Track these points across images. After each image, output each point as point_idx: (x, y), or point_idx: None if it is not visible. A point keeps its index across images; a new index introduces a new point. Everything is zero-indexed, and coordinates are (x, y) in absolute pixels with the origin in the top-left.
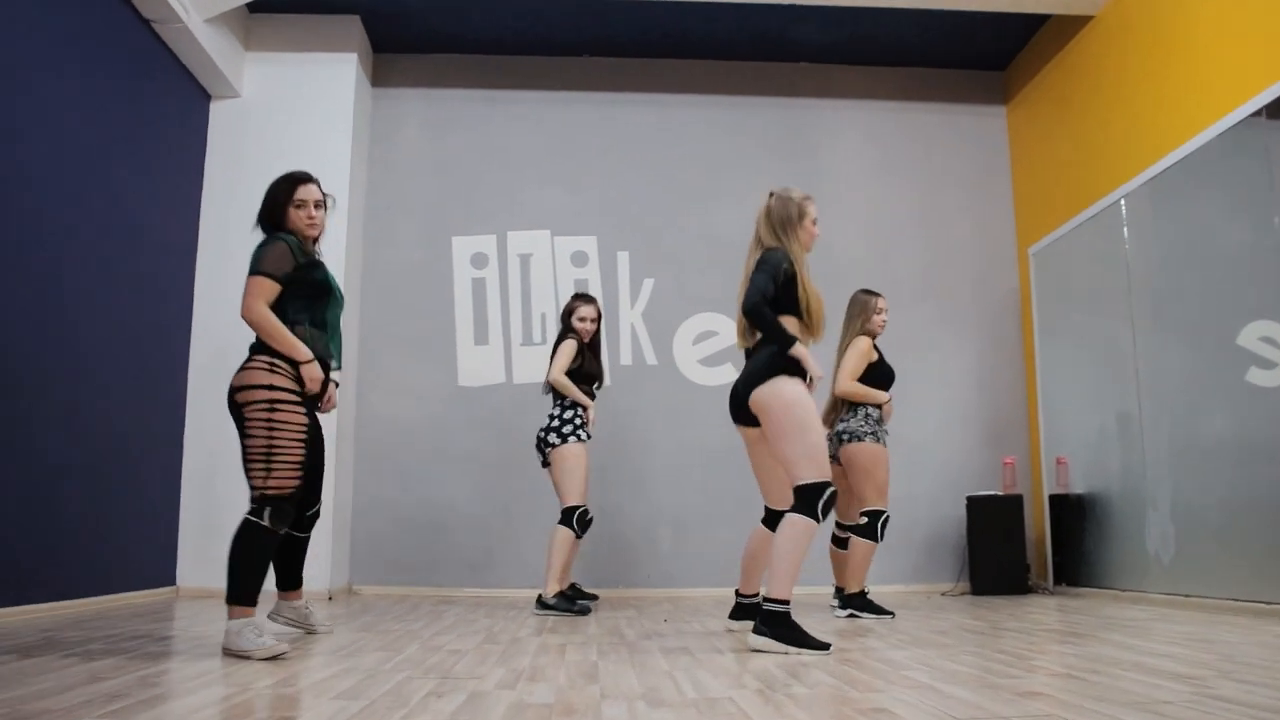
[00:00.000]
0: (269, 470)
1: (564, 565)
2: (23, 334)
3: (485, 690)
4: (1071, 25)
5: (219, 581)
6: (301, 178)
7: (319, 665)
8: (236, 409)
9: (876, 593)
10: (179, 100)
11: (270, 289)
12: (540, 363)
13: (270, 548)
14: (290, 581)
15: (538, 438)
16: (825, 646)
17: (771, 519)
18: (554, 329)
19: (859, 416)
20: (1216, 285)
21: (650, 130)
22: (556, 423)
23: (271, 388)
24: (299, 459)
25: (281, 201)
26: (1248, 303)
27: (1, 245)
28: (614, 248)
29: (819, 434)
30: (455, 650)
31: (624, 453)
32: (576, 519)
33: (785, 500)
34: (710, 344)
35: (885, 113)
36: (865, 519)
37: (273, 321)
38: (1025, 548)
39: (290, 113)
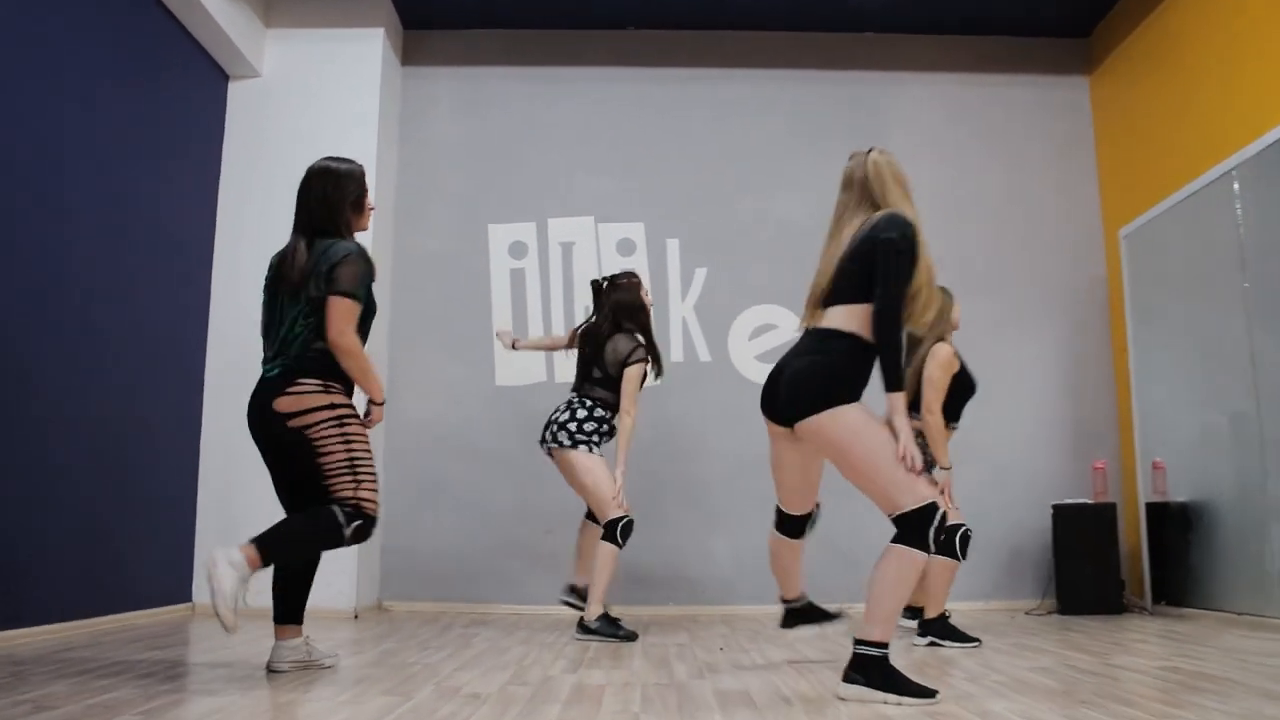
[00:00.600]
0: (358, 481)
1: (608, 584)
2: (28, 334)
3: None
4: None
5: None
6: (363, 172)
7: (312, 715)
8: (291, 434)
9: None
10: (194, 81)
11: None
12: None
13: (322, 551)
14: (295, 614)
15: (554, 423)
16: (932, 694)
17: (786, 524)
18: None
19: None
20: None
21: (701, 108)
22: (574, 425)
23: (333, 406)
24: (376, 473)
25: (352, 201)
26: None
27: (6, 240)
28: (663, 235)
29: (902, 443)
30: (474, 695)
31: (675, 457)
32: (620, 531)
33: (804, 506)
34: (769, 338)
35: (955, 85)
36: (944, 535)
37: (364, 354)
38: (1119, 562)
39: (314, 93)
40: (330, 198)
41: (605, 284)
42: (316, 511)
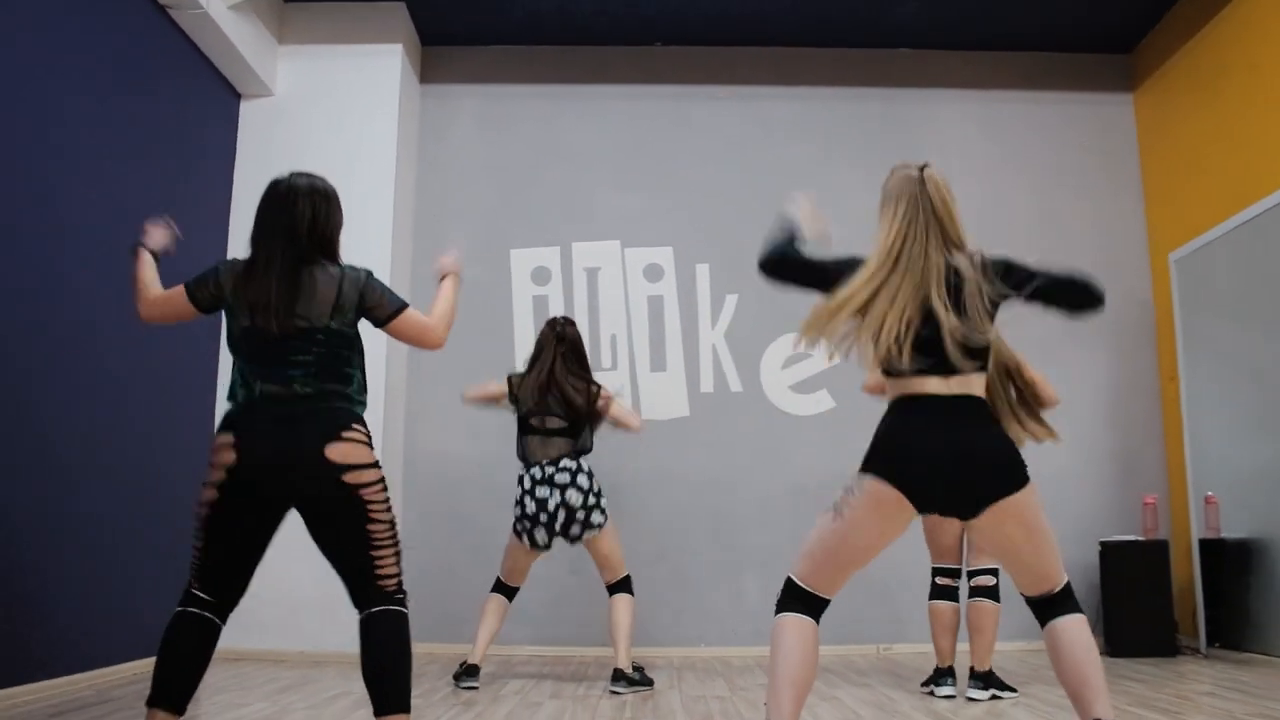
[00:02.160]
0: (399, 558)
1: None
2: (30, 352)
3: None
4: (1211, 1)
5: (251, 643)
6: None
7: None
8: (342, 490)
9: (997, 651)
10: (205, 99)
11: None
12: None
13: None
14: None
15: (584, 508)
16: None
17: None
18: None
19: None
20: None
21: (731, 127)
22: (593, 499)
23: (378, 465)
24: None
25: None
26: None
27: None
28: (692, 260)
29: None
30: None
31: (704, 491)
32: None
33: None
34: (803, 368)
35: (993, 103)
36: (994, 579)
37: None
38: (1171, 602)
39: (329, 112)
40: (332, 221)
41: (548, 331)
42: (389, 626)
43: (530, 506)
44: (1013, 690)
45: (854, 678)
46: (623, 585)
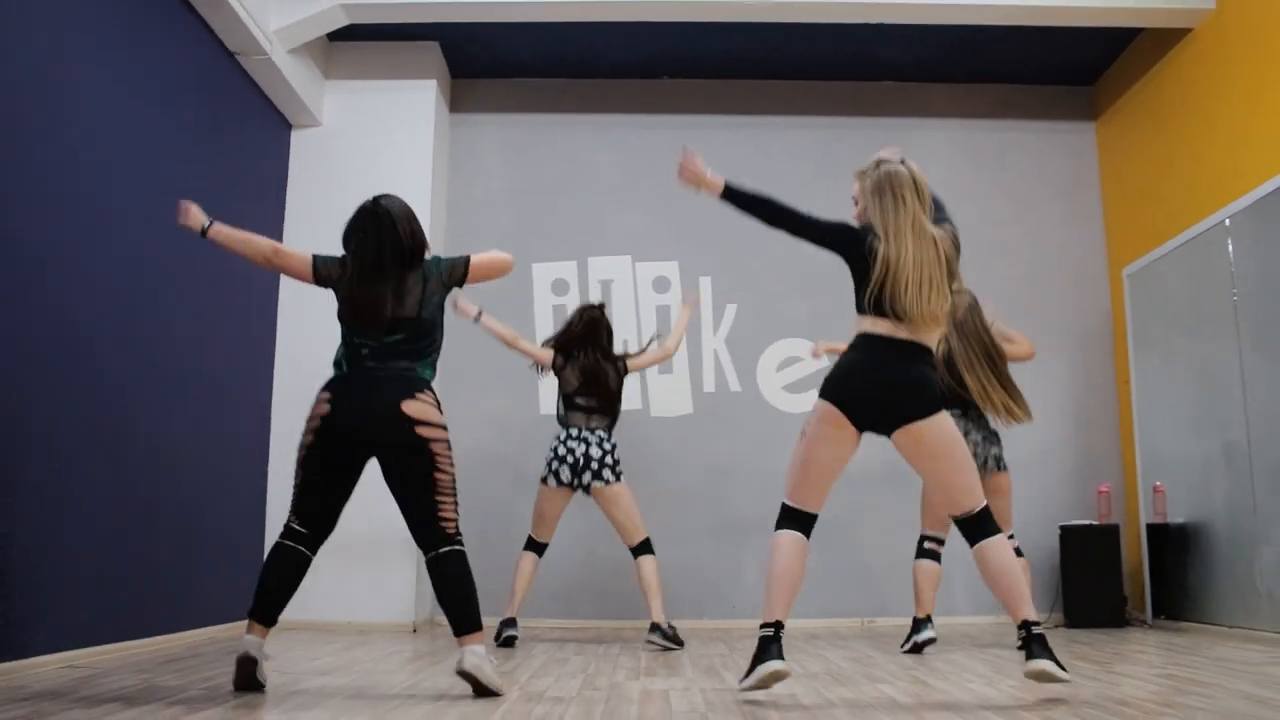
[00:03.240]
0: (457, 507)
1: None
2: (108, 368)
3: None
4: (1165, 39)
5: (298, 613)
6: None
7: (438, 712)
8: (416, 440)
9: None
10: (261, 130)
11: None
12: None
13: None
14: (274, 618)
15: (600, 462)
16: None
17: (809, 525)
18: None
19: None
20: None
21: (732, 152)
22: (611, 460)
23: (445, 427)
24: None
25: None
26: None
27: (90, 278)
28: (696, 273)
29: None
30: (557, 698)
31: (708, 480)
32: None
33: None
34: (795, 370)
35: (970, 130)
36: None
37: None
38: (1121, 579)
39: (370, 140)
40: (421, 235)
41: (594, 318)
42: (455, 564)
43: (560, 451)
44: None
45: (839, 644)
46: (644, 547)
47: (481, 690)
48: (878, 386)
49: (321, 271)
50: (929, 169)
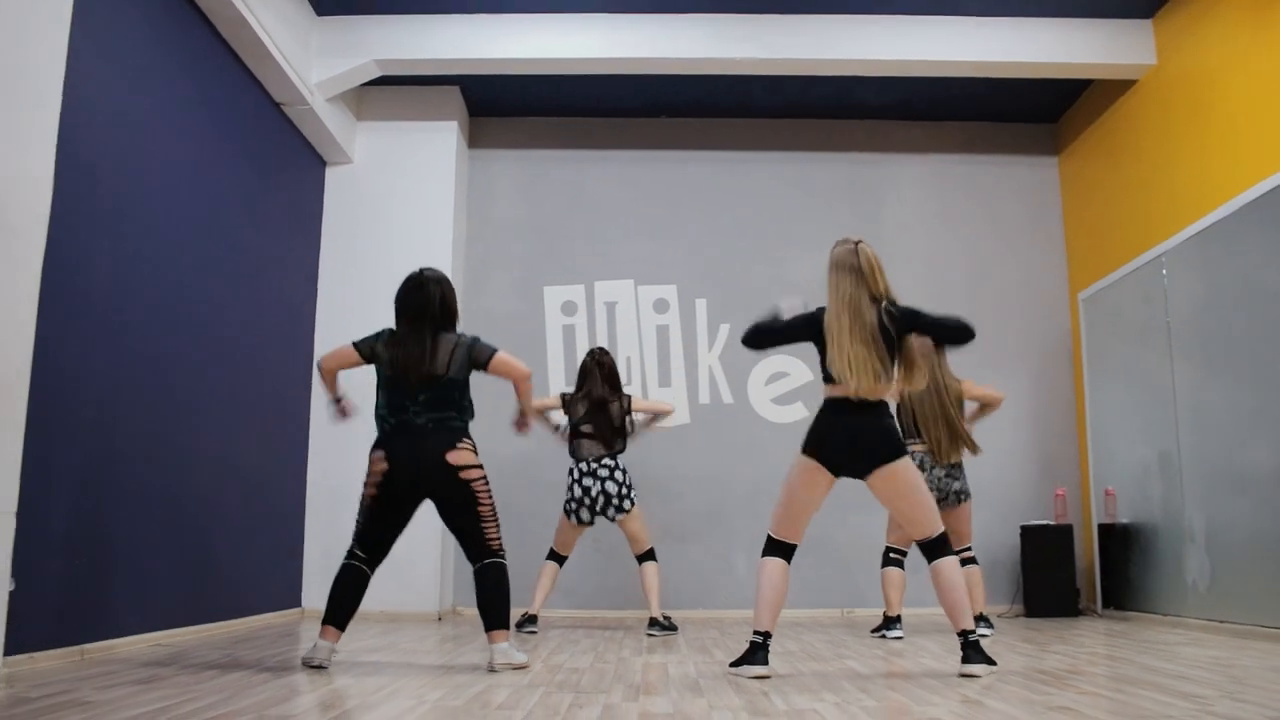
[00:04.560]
0: (499, 528)
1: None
2: (173, 384)
3: (615, 702)
4: (1117, 86)
5: None
6: None
7: (474, 680)
8: (459, 483)
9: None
10: (299, 168)
11: None
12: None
13: None
14: (344, 623)
15: (618, 496)
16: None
17: (790, 554)
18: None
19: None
20: (1260, 327)
21: (725, 185)
22: (625, 489)
23: (482, 466)
24: None
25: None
26: None
27: (155, 301)
28: (693, 295)
29: None
30: (575, 669)
31: (702, 485)
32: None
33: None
34: (782, 384)
35: (944, 165)
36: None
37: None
38: (1075, 574)
39: (397, 175)
40: (449, 302)
41: (593, 361)
42: (495, 573)
43: (578, 492)
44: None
45: (818, 630)
46: (649, 555)
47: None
48: (848, 441)
49: (364, 351)
50: (905, 200)
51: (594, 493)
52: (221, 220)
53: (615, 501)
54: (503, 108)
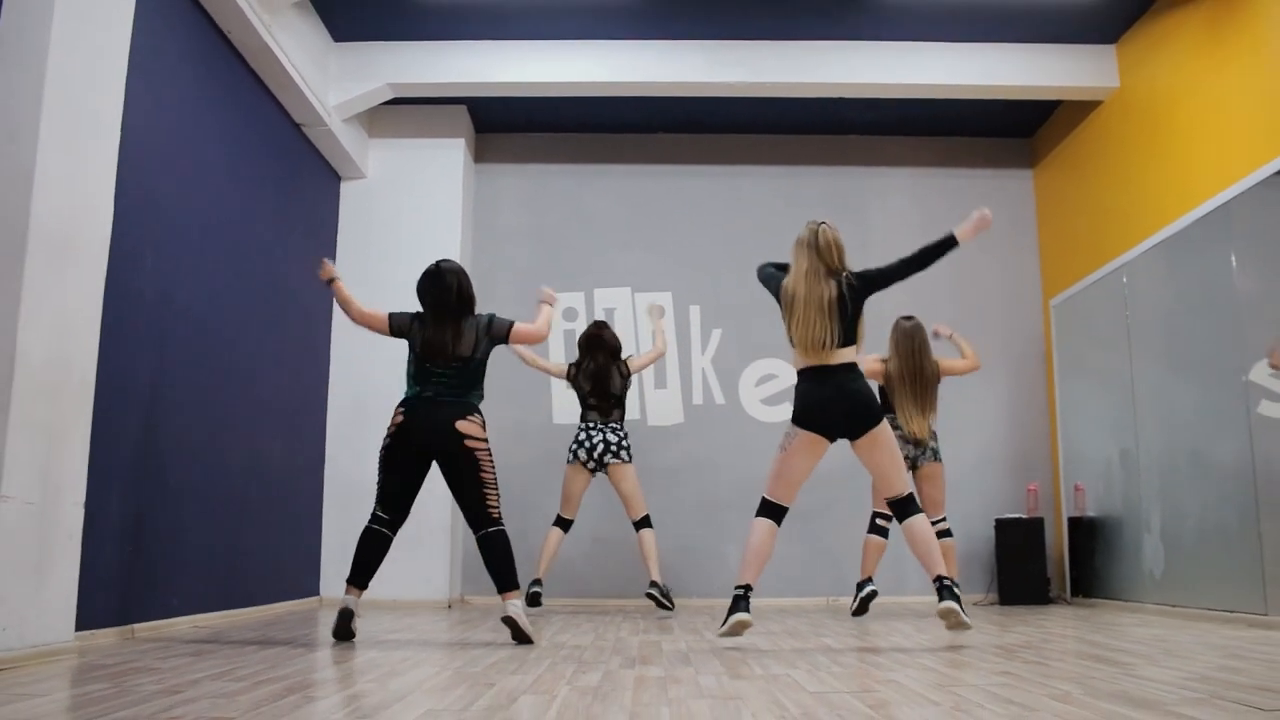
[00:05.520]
0: (499, 498)
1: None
2: (205, 389)
3: (613, 669)
4: (1085, 106)
5: None
6: None
7: (488, 654)
8: (465, 450)
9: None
10: (316, 183)
11: None
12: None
13: None
14: (367, 580)
15: (616, 445)
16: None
17: (781, 516)
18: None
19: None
20: (1212, 331)
21: (718, 198)
22: (624, 443)
23: (487, 441)
24: None
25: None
26: (1246, 347)
27: (192, 313)
28: (687, 302)
29: None
30: (577, 646)
31: (695, 480)
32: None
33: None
34: (771, 385)
35: (925, 178)
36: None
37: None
38: (1046, 564)
39: (408, 190)
40: (466, 289)
41: (594, 333)
42: (500, 540)
43: (581, 438)
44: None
45: (802, 615)
46: (645, 522)
47: (519, 635)
48: (841, 409)
49: (395, 325)
50: (886, 211)
51: (595, 440)
52: (248, 235)
53: (613, 449)
54: (507, 125)
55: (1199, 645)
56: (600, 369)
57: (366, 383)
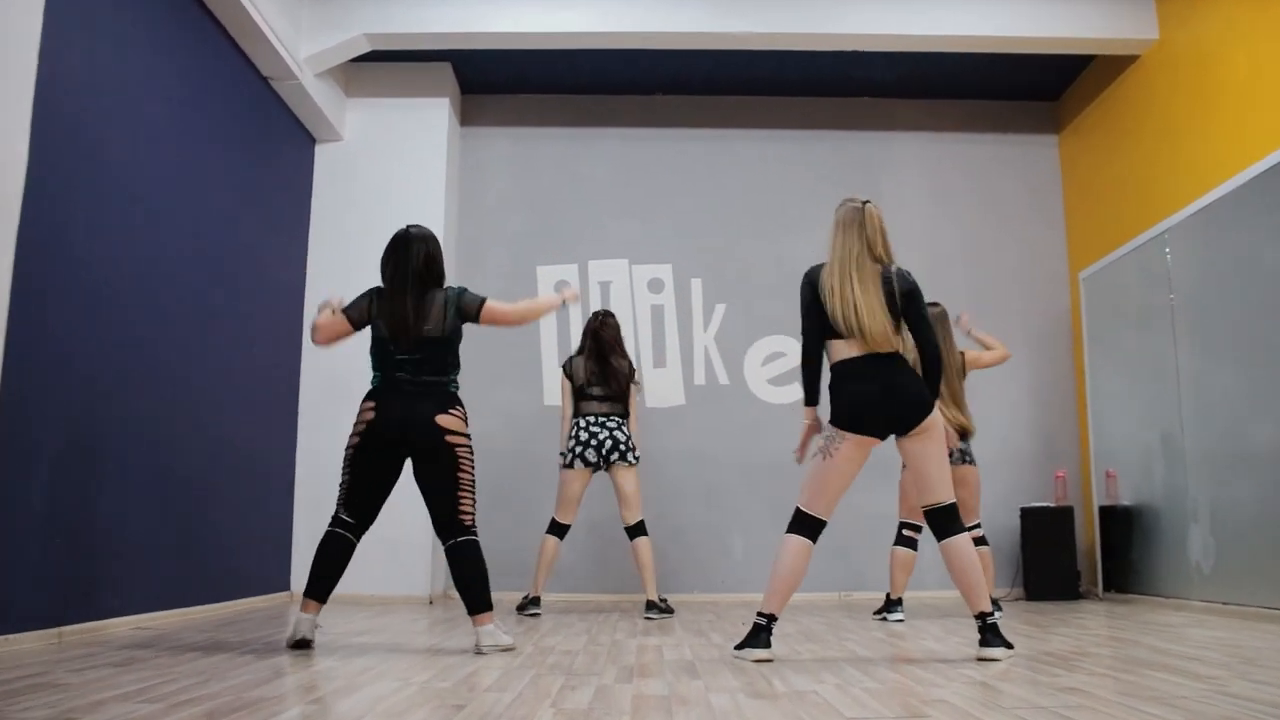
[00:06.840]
0: (474, 500)
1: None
2: (159, 364)
3: (607, 684)
4: (1119, 63)
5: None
6: None
7: (464, 663)
8: (445, 446)
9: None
10: (289, 145)
11: None
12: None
13: None
14: (325, 595)
15: (624, 445)
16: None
17: (819, 531)
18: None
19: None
20: (1263, 307)
21: (720, 164)
22: (631, 444)
23: (469, 436)
24: None
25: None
26: None
27: (140, 279)
28: (687, 275)
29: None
30: (567, 651)
31: (698, 466)
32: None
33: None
34: (778, 364)
35: (943, 144)
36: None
37: (518, 311)
38: (1076, 556)
39: (388, 153)
40: (435, 258)
41: (599, 324)
42: (471, 551)
43: (584, 437)
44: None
45: (816, 613)
46: (640, 529)
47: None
48: (889, 403)
49: (354, 316)
50: (903, 178)
51: (601, 437)
52: (208, 196)
53: (621, 449)
54: (495, 85)
55: (1278, 652)
56: (602, 358)
57: (343, 359)
